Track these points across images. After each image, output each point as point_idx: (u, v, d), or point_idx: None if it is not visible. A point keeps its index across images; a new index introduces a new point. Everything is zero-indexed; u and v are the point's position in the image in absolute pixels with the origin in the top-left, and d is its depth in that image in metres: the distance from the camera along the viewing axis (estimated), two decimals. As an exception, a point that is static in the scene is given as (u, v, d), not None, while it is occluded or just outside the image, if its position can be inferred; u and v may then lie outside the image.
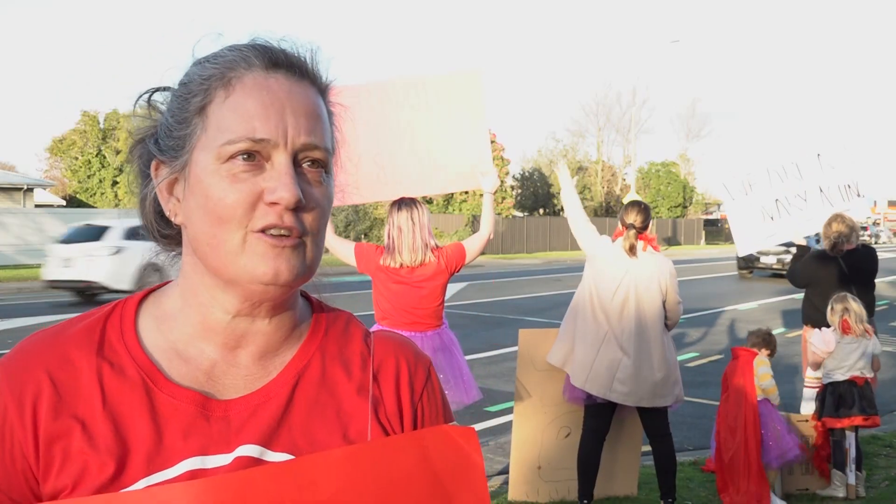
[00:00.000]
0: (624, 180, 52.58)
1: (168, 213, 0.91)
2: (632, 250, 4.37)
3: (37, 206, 30.08)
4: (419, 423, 0.96)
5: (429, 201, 34.95)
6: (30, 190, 29.82)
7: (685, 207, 51.83)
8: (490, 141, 4.32)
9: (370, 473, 0.78)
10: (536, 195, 48.13)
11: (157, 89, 0.93)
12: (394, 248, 4.06)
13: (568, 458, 4.73)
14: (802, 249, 6.08)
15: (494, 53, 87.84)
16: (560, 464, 4.81)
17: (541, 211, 47.73)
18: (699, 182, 56.97)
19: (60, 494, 0.83)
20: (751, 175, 6.19)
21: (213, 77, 0.86)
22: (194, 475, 0.83)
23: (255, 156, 0.84)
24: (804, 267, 5.82)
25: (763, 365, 4.70)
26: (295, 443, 0.88)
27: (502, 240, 35.03)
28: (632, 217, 4.40)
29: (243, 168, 0.83)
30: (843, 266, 5.57)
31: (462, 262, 4.19)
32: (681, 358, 8.14)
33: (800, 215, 6.10)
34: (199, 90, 0.86)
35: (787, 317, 13.49)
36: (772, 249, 20.64)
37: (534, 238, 37.75)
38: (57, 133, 41.60)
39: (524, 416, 4.79)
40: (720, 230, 51.81)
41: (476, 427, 6.27)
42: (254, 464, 0.85)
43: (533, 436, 4.79)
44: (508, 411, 6.08)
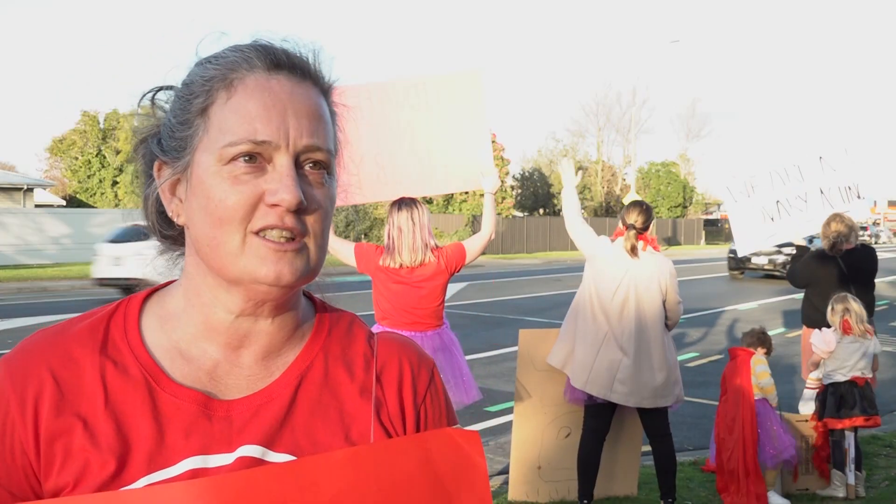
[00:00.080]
0: (624, 180, 52.56)
1: (171, 214, 0.91)
2: (632, 251, 4.36)
3: (37, 206, 30.07)
4: (422, 425, 0.96)
5: (429, 201, 34.93)
6: (30, 190, 29.81)
7: (685, 207, 51.82)
8: (491, 141, 4.32)
9: (372, 475, 0.78)
10: (536, 195, 48.10)
11: (161, 88, 0.93)
12: (394, 249, 4.05)
13: (568, 458, 4.73)
14: (802, 250, 6.09)
15: (494, 53, 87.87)
16: (560, 464, 4.81)
17: (541, 211, 47.70)
18: (699, 182, 57.06)
19: (62, 492, 0.83)
20: (754, 177, 6.21)
21: (215, 78, 0.86)
22: (195, 474, 0.83)
23: (257, 157, 0.84)
24: (803, 267, 5.82)
25: (760, 363, 4.70)
26: (297, 443, 0.88)
27: (502, 240, 35.01)
28: (633, 217, 4.39)
29: (245, 170, 0.83)
30: (843, 266, 5.56)
31: (462, 263, 4.18)
32: (681, 358, 8.14)
33: (800, 216, 6.12)
34: (201, 91, 0.86)
35: (787, 317, 13.48)
36: (763, 250, 20.38)
37: (534, 238, 37.73)
38: (57, 133, 41.71)
39: (524, 416, 4.79)
40: (720, 230, 51.80)
41: (476, 427, 6.28)
42: (256, 464, 0.85)
43: (533, 436, 4.79)
44: (508, 411, 6.08)
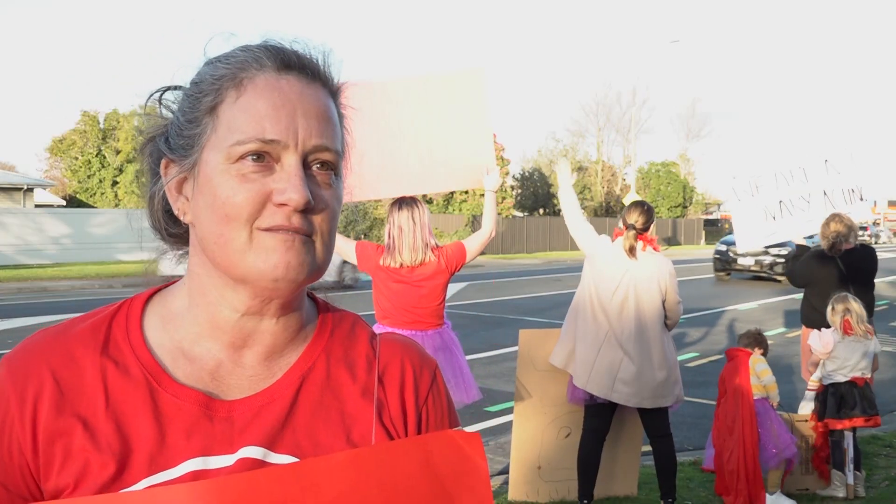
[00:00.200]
0: (624, 180, 52.54)
1: (177, 212, 0.91)
2: (631, 251, 4.35)
3: (37, 206, 30.05)
4: (423, 427, 0.96)
5: (429, 201, 34.94)
6: (30, 190, 29.80)
7: (685, 207, 51.81)
8: (493, 139, 4.31)
9: (373, 477, 0.78)
10: (536, 195, 48.08)
11: (169, 88, 0.93)
12: (394, 248, 4.05)
13: (568, 458, 4.73)
14: (801, 249, 6.11)
15: (494, 53, 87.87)
16: (560, 464, 4.81)
17: (541, 211, 47.68)
18: (699, 182, 57.04)
19: (63, 493, 0.83)
20: (759, 177, 6.26)
21: (225, 77, 0.86)
22: (196, 475, 0.83)
23: (265, 157, 0.84)
24: (802, 267, 5.83)
25: (760, 363, 4.70)
26: (298, 445, 0.88)
27: (502, 240, 35.00)
28: (633, 217, 4.39)
29: (253, 168, 0.83)
30: (842, 266, 5.56)
31: (462, 261, 4.17)
32: (681, 358, 8.14)
33: (801, 216, 6.15)
34: (211, 90, 0.86)
35: (787, 317, 13.49)
36: (750, 251, 19.86)
37: (534, 238, 37.72)
38: (57, 133, 41.68)
39: (524, 416, 4.79)
40: (720, 230, 51.77)
41: (476, 427, 6.28)
42: (257, 465, 0.85)
43: (533, 436, 4.79)
44: (508, 411, 6.08)
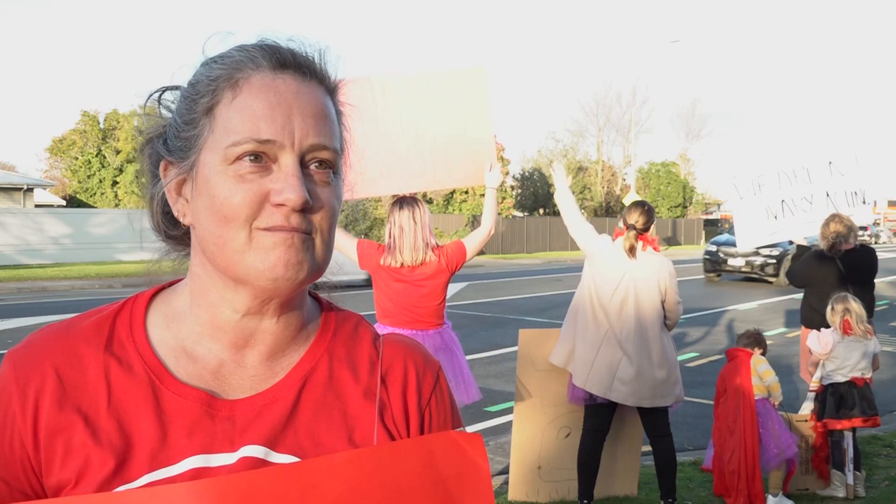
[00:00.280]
0: (624, 180, 52.52)
1: (176, 214, 0.91)
2: (631, 251, 4.36)
3: (37, 206, 30.05)
4: (426, 428, 0.96)
5: (429, 201, 34.94)
6: (30, 190, 29.80)
7: (685, 207, 51.79)
8: (494, 136, 4.30)
9: (375, 478, 0.78)
10: (536, 195, 48.07)
11: (167, 88, 0.93)
12: (395, 248, 4.05)
13: (568, 458, 4.73)
14: (802, 249, 6.12)
15: (494, 53, 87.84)
16: (560, 464, 4.81)
17: (541, 211, 47.68)
18: (699, 182, 56.96)
19: (64, 488, 0.83)
20: (761, 176, 6.26)
21: (221, 78, 0.86)
22: (197, 474, 0.83)
23: (262, 157, 0.84)
24: (802, 267, 5.83)
25: (762, 363, 4.70)
26: (300, 445, 0.88)
27: (502, 240, 35.01)
28: (634, 218, 4.39)
29: (250, 169, 0.83)
30: (841, 266, 5.56)
31: (463, 260, 4.18)
32: (681, 358, 8.14)
33: (803, 217, 6.16)
34: (207, 91, 0.86)
35: (788, 317, 13.49)
36: (740, 251, 19.50)
37: (534, 238, 37.72)
38: (57, 133, 41.70)
39: (524, 416, 4.79)
40: (720, 230, 51.73)
41: (476, 427, 6.28)
42: (258, 464, 0.85)
43: (533, 436, 4.79)
44: (508, 411, 6.08)
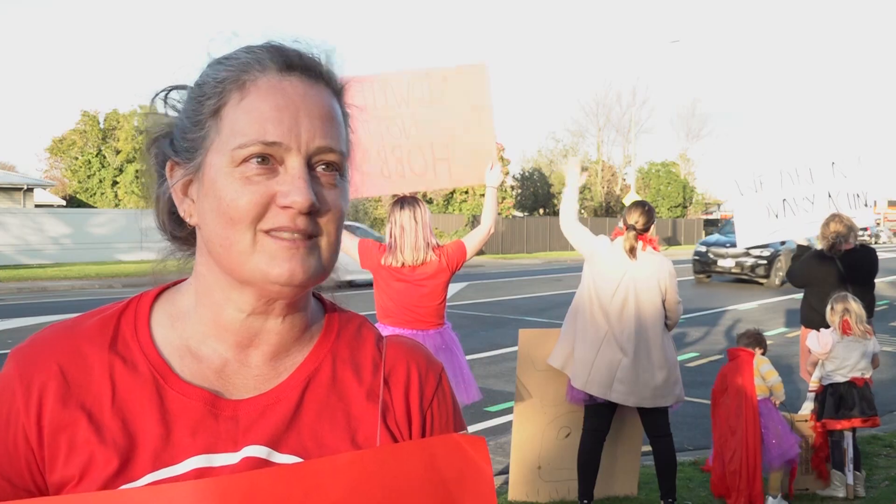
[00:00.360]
0: (624, 180, 52.51)
1: (182, 214, 0.91)
2: (631, 251, 4.36)
3: (37, 206, 30.04)
4: (428, 430, 0.96)
5: (429, 201, 34.94)
6: (30, 190, 29.79)
7: (685, 207, 51.78)
8: (495, 135, 4.30)
9: (377, 479, 0.78)
10: (536, 195, 48.07)
11: (174, 87, 0.93)
12: (396, 247, 4.06)
13: (568, 458, 4.74)
14: (802, 249, 6.12)
15: (494, 53, 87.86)
16: (560, 464, 4.81)
17: (541, 211, 47.68)
18: (699, 182, 56.95)
19: (67, 485, 0.84)
20: (763, 174, 6.25)
21: (228, 79, 0.86)
22: (200, 473, 0.83)
23: (269, 159, 0.84)
24: (802, 267, 5.83)
25: (765, 363, 4.69)
26: (303, 445, 0.88)
27: (502, 240, 35.00)
28: (634, 218, 4.39)
29: (257, 171, 0.83)
30: (841, 266, 5.56)
31: (463, 259, 4.18)
32: (681, 358, 8.14)
33: (805, 217, 6.15)
34: (214, 93, 0.86)
35: (788, 317, 13.49)
36: (730, 252, 19.29)
37: (534, 238, 37.71)
38: (57, 133, 41.69)
39: (524, 416, 4.79)
40: (720, 230, 51.65)
41: (476, 427, 6.29)
42: (261, 464, 0.85)
43: (533, 436, 4.80)
44: (508, 411, 6.08)
